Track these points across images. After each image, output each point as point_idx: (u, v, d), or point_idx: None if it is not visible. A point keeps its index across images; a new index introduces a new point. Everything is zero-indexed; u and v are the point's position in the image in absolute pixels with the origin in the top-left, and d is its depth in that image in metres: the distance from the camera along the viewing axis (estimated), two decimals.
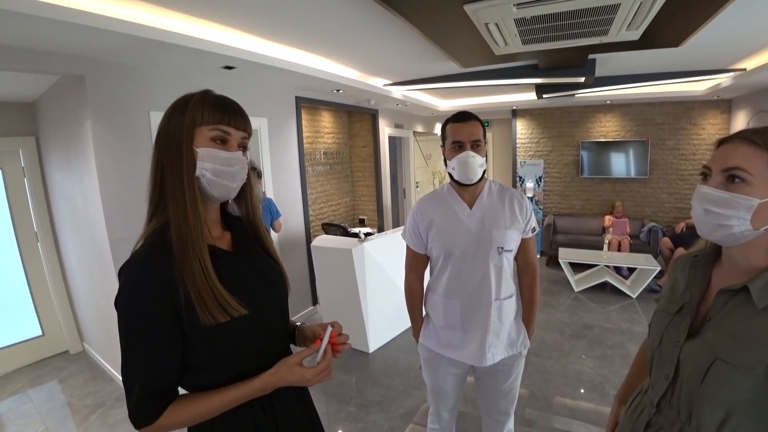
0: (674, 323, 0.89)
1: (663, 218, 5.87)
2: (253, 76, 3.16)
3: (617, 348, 3.38)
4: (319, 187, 5.57)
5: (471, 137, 1.47)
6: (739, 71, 3.77)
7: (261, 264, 0.96)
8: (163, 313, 0.77)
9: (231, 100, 0.88)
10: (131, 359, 0.78)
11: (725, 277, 0.85)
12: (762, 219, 0.75)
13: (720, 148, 0.82)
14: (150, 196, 0.85)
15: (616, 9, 1.88)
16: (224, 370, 0.84)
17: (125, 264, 0.79)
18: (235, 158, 0.86)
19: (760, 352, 0.71)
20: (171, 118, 0.84)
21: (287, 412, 0.94)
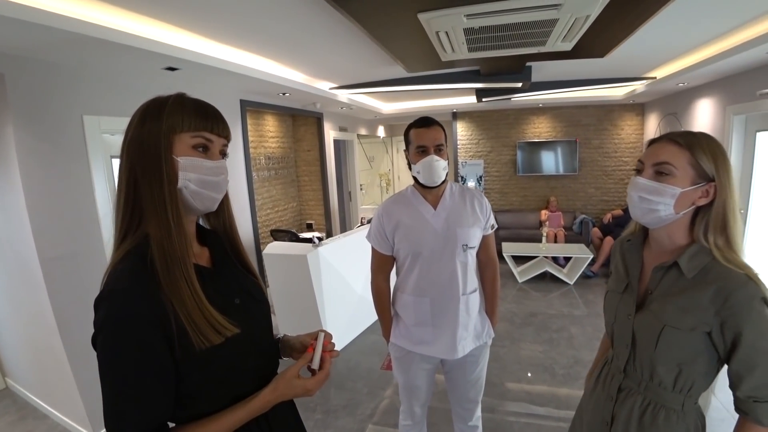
0: (623, 300, 1.05)
1: (592, 210, 6.42)
2: (197, 78, 3.03)
3: (562, 331, 3.66)
4: (265, 192, 5.44)
5: (434, 142, 1.54)
6: (650, 79, 4.24)
7: (243, 280, 0.91)
8: (156, 344, 0.70)
9: (210, 105, 0.82)
10: (120, 400, 0.69)
11: (655, 255, 1.02)
12: (682, 205, 0.92)
13: (651, 146, 0.98)
14: (121, 213, 0.76)
15: (554, 23, 2.05)
16: (222, 395, 0.79)
17: (105, 293, 0.70)
18: (220, 167, 0.81)
19: (696, 314, 0.88)
20: (144, 124, 0.75)
21: (283, 427, 0.91)
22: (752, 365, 0.85)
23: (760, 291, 0.83)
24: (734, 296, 0.84)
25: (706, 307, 0.87)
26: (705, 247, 0.90)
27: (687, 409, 0.95)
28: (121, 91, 2.65)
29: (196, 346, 0.72)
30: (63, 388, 2.43)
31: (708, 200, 0.91)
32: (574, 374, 2.96)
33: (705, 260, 0.90)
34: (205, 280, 0.80)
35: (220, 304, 0.78)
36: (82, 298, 2.34)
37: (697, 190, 0.91)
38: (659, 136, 0.98)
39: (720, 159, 0.90)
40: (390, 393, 2.82)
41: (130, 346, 0.68)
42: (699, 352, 0.90)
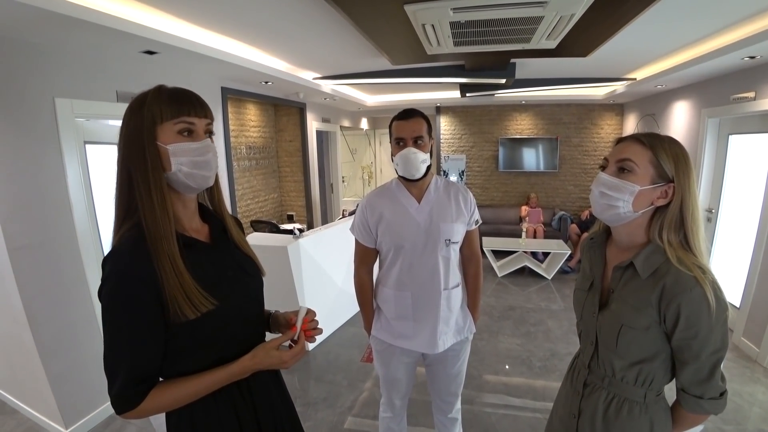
0: (589, 298, 1.08)
1: (571, 207, 6.54)
2: (176, 63, 2.94)
3: (539, 325, 3.74)
4: (245, 183, 5.35)
5: (413, 134, 1.51)
6: (630, 80, 4.33)
7: (238, 255, 0.99)
8: (149, 300, 0.79)
9: (187, 90, 0.88)
10: (116, 346, 0.79)
11: (616, 254, 1.05)
12: (640, 203, 0.94)
13: (617, 145, 1.01)
14: (119, 200, 0.86)
15: (540, 21, 2.07)
16: (205, 357, 0.87)
17: (110, 253, 0.81)
18: (206, 146, 0.88)
19: (649, 314, 0.91)
20: (129, 120, 0.84)
21: (265, 395, 0.99)
22: (683, 362, 0.92)
23: (705, 296, 0.85)
24: (677, 298, 0.87)
25: (653, 305, 0.90)
26: (660, 247, 0.93)
27: (649, 402, 0.98)
28: (96, 73, 2.54)
29: (172, 318, 0.80)
30: (33, 382, 2.35)
31: (666, 201, 0.93)
32: (551, 366, 3.03)
33: (659, 261, 0.92)
34: (199, 253, 0.89)
35: (211, 276, 0.88)
36: (53, 289, 2.26)
37: (656, 189, 0.93)
38: (626, 135, 1.01)
39: (681, 161, 0.92)
40: (370, 385, 2.83)
41: (126, 302, 0.78)
42: (658, 350, 0.93)
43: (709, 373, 0.91)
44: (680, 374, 0.94)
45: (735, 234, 3.63)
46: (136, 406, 0.79)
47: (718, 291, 0.87)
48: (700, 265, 0.89)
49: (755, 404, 2.55)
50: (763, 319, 3.00)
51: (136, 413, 0.80)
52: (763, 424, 2.39)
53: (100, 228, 2.59)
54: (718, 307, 0.86)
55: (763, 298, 3.03)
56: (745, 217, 3.43)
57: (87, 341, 2.42)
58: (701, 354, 0.89)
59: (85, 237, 2.41)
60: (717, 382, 0.92)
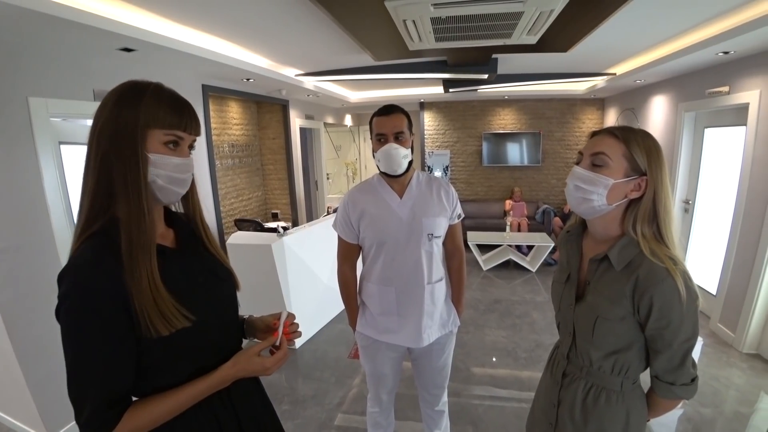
0: (566, 290, 1.10)
1: (554, 200, 6.64)
2: (155, 61, 2.88)
3: (524, 317, 3.80)
4: (229, 181, 5.29)
5: (394, 129, 1.52)
6: (610, 75, 4.41)
7: (209, 261, 0.95)
8: (118, 315, 0.72)
9: (185, 101, 0.84)
10: (82, 370, 0.72)
11: (592, 247, 1.07)
12: (614, 196, 0.96)
13: (591, 138, 1.02)
14: (90, 196, 0.77)
15: (520, 16, 2.09)
16: (182, 369, 0.82)
17: (68, 267, 0.73)
18: (188, 165, 0.84)
19: (623, 305, 0.94)
20: (120, 112, 0.76)
21: (246, 403, 0.95)
22: (656, 351, 0.95)
23: (676, 287, 0.88)
24: (650, 289, 0.89)
25: (628, 296, 0.93)
26: (633, 239, 0.95)
27: (626, 390, 1.01)
28: (71, 72, 2.47)
29: (144, 334, 0.74)
30: (12, 390, 2.28)
31: (640, 194, 0.95)
32: (536, 357, 3.08)
33: (633, 253, 0.94)
34: (170, 259, 0.84)
35: (184, 284, 0.84)
36: (31, 294, 2.21)
37: (630, 182, 0.95)
38: (600, 129, 1.02)
39: (653, 154, 0.94)
40: (358, 381, 2.84)
41: (92, 318, 0.71)
42: (633, 339, 0.96)
43: (681, 361, 0.93)
44: (654, 362, 0.97)
45: (711, 224, 3.74)
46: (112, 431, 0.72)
47: (689, 281, 0.90)
48: (672, 257, 0.91)
49: (731, 387, 2.64)
50: (737, 305, 3.10)
51: None
52: (739, 406, 2.47)
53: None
54: (689, 297, 0.89)
55: (737, 286, 3.13)
56: (721, 207, 3.53)
57: None
58: (673, 342, 0.91)
59: (63, 240, 2.35)
60: (688, 369, 0.95)
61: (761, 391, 2.60)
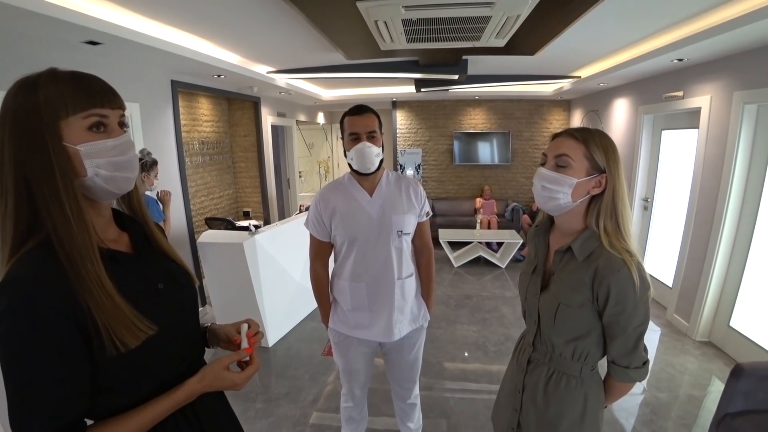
0: (532, 281, 1.18)
1: (522, 198, 6.83)
2: (122, 55, 2.79)
3: (494, 312, 3.91)
4: (199, 179, 5.18)
5: (367, 129, 1.56)
6: (576, 78, 4.58)
7: (167, 265, 0.88)
8: (69, 333, 0.64)
9: (89, 75, 0.72)
10: (26, 397, 0.63)
11: (557, 240, 1.14)
12: (578, 194, 1.03)
13: (554, 140, 1.09)
14: (13, 219, 0.67)
15: (488, 20, 2.16)
16: (143, 384, 0.75)
17: (7, 281, 0.63)
18: (126, 143, 0.74)
19: (583, 293, 1.02)
20: (16, 113, 0.66)
21: (211, 417, 0.89)
22: (612, 337, 1.03)
23: (631, 276, 0.96)
24: (607, 278, 0.97)
25: (587, 284, 1.01)
26: (595, 233, 1.03)
27: (584, 375, 1.09)
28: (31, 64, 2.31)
29: (108, 351, 0.67)
30: None
31: (600, 190, 1.03)
32: (505, 350, 3.18)
33: (593, 245, 1.02)
34: (124, 266, 0.77)
35: (141, 291, 0.77)
36: None
37: (591, 180, 1.02)
38: (561, 131, 1.09)
39: (610, 153, 1.02)
40: (332, 378, 2.86)
41: (37, 338, 0.62)
42: (591, 327, 1.04)
43: (635, 345, 1.01)
44: (610, 348, 1.05)
45: (668, 221, 3.95)
46: None
47: (642, 272, 0.98)
48: (628, 249, 0.99)
49: (686, 373, 2.82)
50: (691, 296, 3.30)
51: None
52: (693, 390, 2.64)
53: None
54: (642, 286, 0.97)
55: (691, 278, 3.33)
56: (676, 205, 3.73)
57: None
58: (628, 327, 0.99)
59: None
60: (641, 353, 1.03)
61: (712, 375, 2.79)
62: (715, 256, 3.05)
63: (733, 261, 3.03)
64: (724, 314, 3.09)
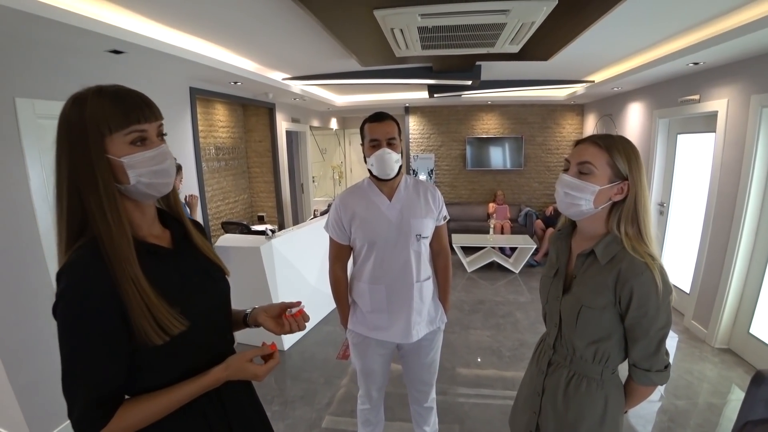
0: (554, 284, 1.19)
1: (536, 203, 6.80)
2: (144, 63, 2.88)
3: (508, 317, 3.90)
4: (215, 184, 5.28)
5: (387, 135, 1.59)
6: (589, 82, 4.57)
7: (203, 261, 0.95)
8: (112, 314, 0.73)
9: (131, 92, 0.81)
10: (76, 365, 0.73)
11: (580, 244, 1.16)
12: (600, 200, 1.05)
13: (576, 147, 1.11)
14: (68, 219, 0.77)
15: (503, 27, 2.18)
16: (173, 370, 0.82)
17: (65, 266, 0.74)
18: (163, 153, 0.83)
19: (606, 295, 1.03)
20: (69, 131, 0.75)
21: (237, 404, 0.96)
22: (634, 339, 1.04)
23: (654, 279, 0.97)
24: (630, 281, 0.99)
25: (610, 287, 1.02)
26: (617, 237, 1.04)
27: (605, 379, 1.09)
28: (59, 73, 2.45)
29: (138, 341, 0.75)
30: None
31: (622, 196, 1.04)
32: (520, 356, 3.17)
33: (616, 249, 1.04)
34: (165, 260, 0.86)
35: (178, 283, 0.85)
36: (17, 297, 2.18)
37: (613, 187, 1.04)
38: (584, 138, 1.11)
39: (633, 160, 1.04)
40: (346, 381, 2.88)
41: (86, 317, 0.72)
42: (613, 329, 1.05)
43: (656, 348, 1.02)
44: (632, 351, 1.06)
45: (684, 226, 3.91)
46: (101, 429, 0.73)
47: (664, 276, 0.99)
48: (651, 253, 1.01)
49: (704, 380, 2.78)
50: (709, 303, 3.26)
51: None
52: (712, 398, 2.60)
53: None
54: (665, 289, 0.98)
55: (709, 284, 3.28)
56: (693, 210, 3.69)
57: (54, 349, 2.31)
58: (650, 330, 1.00)
59: (50, 242, 2.33)
60: (662, 356, 1.03)
61: (732, 383, 2.74)
62: (734, 261, 3.01)
63: (752, 267, 2.99)
64: (743, 321, 3.05)
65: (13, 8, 1.73)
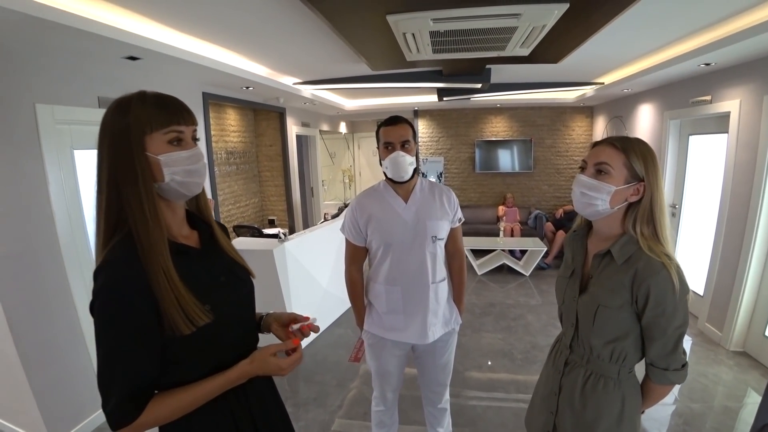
0: (570, 285, 1.20)
1: (545, 206, 6.78)
2: (159, 69, 2.93)
3: (519, 320, 3.89)
4: (226, 188, 5.33)
5: (400, 138, 1.62)
6: (599, 84, 4.56)
7: (228, 261, 0.99)
8: (146, 311, 0.77)
9: (171, 97, 0.87)
10: (112, 360, 0.76)
11: (596, 244, 1.17)
12: (616, 201, 1.06)
13: (594, 148, 1.12)
14: (107, 213, 0.82)
15: (514, 30, 2.20)
16: (201, 366, 0.86)
17: (102, 264, 0.78)
18: (197, 154, 0.88)
19: (623, 295, 1.04)
20: (113, 128, 0.81)
21: (261, 402, 0.99)
22: (651, 338, 1.04)
23: (670, 278, 0.98)
24: (647, 280, 0.99)
25: (627, 286, 1.03)
26: (633, 237, 1.05)
27: (622, 378, 1.10)
28: (77, 79, 2.52)
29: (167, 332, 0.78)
30: (15, 396, 2.28)
31: (638, 197, 1.06)
32: (532, 358, 3.16)
33: (632, 249, 1.05)
34: (193, 259, 0.89)
35: (206, 282, 0.88)
36: (36, 299, 2.23)
37: (630, 188, 1.05)
38: (601, 140, 1.12)
39: (649, 162, 1.05)
40: (358, 384, 2.89)
41: (123, 312, 0.75)
42: (630, 328, 1.06)
43: (674, 347, 1.03)
44: (649, 350, 1.06)
45: (697, 228, 3.87)
46: (133, 421, 0.76)
47: (681, 275, 1.00)
48: (667, 253, 1.02)
49: (719, 383, 2.75)
50: (724, 305, 3.22)
51: (134, 428, 0.77)
52: (728, 401, 2.58)
53: (89, 235, 2.56)
54: (681, 288, 0.99)
55: (723, 287, 3.25)
56: (706, 212, 3.66)
57: (72, 351, 2.40)
58: (668, 329, 1.01)
59: (68, 246, 2.38)
60: (680, 355, 1.04)
61: (748, 386, 2.71)
62: (748, 263, 2.98)
63: (767, 268, 2.95)
64: (759, 323, 3.01)
65: (34, 16, 1.77)
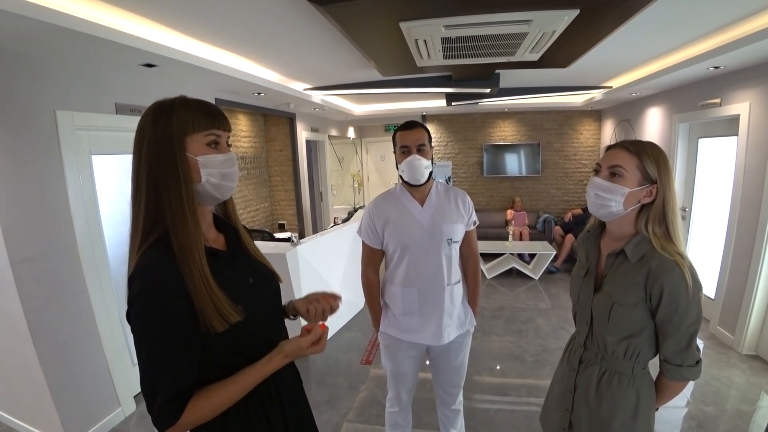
0: (585, 283, 1.23)
1: (554, 210, 6.78)
2: (174, 75, 2.99)
3: (529, 323, 3.89)
4: (237, 193, 5.39)
5: (416, 142, 1.66)
6: (607, 88, 4.58)
7: (254, 263, 1.02)
8: (185, 313, 0.79)
9: (210, 103, 0.91)
10: (156, 363, 0.78)
11: (609, 244, 1.20)
12: (630, 202, 1.10)
13: (608, 151, 1.16)
14: (143, 211, 0.83)
15: (524, 36, 2.23)
16: (235, 364, 0.88)
17: (137, 270, 0.79)
18: (232, 159, 0.92)
19: (637, 292, 1.07)
20: (155, 129, 0.83)
21: (290, 397, 1.03)
22: (665, 335, 1.07)
23: (683, 276, 1.01)
24: (660, 278, 1.02)
25: (641, 284, 1.06)
26: (646, 236, 1.09)
27: (636, 374, 1.13)
28: (95, 86, 2.58)
29: (201, 330, 0.80)
30: (33, 397, 2.33)
31: (651, 199, 1.09)
32: (543, 361, 3.17)
33: (646, 248, 1.08)
34: (223, 262, 0.91)
35: (235, 283, 0.90)
36: (55, 302, 2.28)
37: (643, 190, 1.08)
38: (615, 143, 1.16)
39: (662, 165, 1.08)
40: (370, 386, 2.91)
41: (161, 317, 0.77)
42: (644, 325, 1.09)
43: (687, 343, 1.05)
44: (663, 347, 1.09)
45: (707, 231, 3.86)
46: (177, 421, 0.78)
47: (694, 273, 1.03)
48: (680, 252, 1.05)
49: (732, 387, 2.74)
50: (735, 309, 3.21)
51: (178, 428, 0.79)
52: (741, 404, 2.57)
53: (106, 240, 2.62)
54: (694, 286, 1.01)
55: (735, 290, 3.24)
56: (716, 215, 3.65)
57: (89, 353, 2.44)
58: (681, 326, 1.03)
59: (86, 249, 2.43)
60: (693, 351, 1.06)
61: (761, 390, 2.70)
62: (760, 266, 2.97)
63: None
64: None
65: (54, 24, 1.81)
